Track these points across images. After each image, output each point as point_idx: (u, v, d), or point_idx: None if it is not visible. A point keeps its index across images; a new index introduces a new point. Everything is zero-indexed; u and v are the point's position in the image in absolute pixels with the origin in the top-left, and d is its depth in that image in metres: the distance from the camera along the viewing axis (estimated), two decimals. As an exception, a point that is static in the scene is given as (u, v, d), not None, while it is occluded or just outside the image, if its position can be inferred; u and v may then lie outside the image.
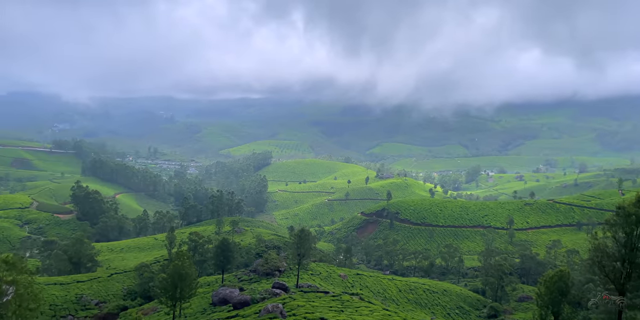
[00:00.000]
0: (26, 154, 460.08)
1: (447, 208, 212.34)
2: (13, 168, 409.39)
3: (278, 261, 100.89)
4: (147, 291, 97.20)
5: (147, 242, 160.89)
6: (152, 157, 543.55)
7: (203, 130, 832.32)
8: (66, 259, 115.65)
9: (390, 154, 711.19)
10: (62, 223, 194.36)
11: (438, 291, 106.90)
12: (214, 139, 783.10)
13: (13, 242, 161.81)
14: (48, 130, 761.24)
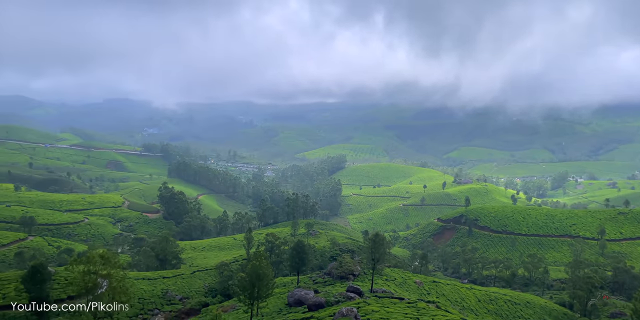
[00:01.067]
0: (119, 157, 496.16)
1: (531, 216, 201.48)
2: (108, 169, 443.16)
3: (352, 265, 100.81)
4: (227, 289, 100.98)
5: (226, 242, 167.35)
6: (231, 160, 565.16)
7: (280, 134, 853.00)
8: (153, 255, 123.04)
9: (469, 158, 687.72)
10: (150, 221, 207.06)
11: (520, 303, 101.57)
12: (290, 143, 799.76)
13: (107, 239, 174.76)
14: (139, 134, 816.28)
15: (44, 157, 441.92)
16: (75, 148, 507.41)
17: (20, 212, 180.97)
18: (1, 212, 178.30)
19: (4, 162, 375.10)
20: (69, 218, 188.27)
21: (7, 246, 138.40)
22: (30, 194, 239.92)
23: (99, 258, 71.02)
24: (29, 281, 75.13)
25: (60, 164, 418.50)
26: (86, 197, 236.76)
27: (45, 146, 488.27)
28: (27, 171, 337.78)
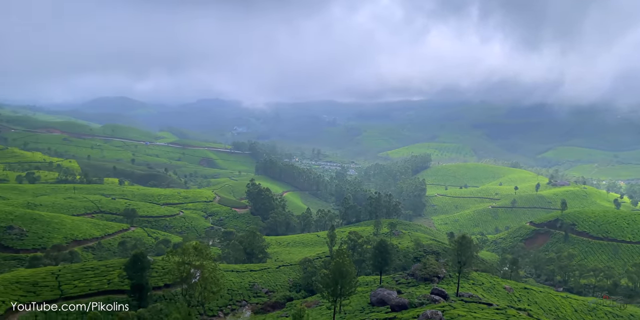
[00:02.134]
0: (211, 154, 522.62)
1: (637, 222, 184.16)
2: (201, 166, 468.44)
3: (437, 267, 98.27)
4: (310, 285, 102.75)
5: (310, 239, 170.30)
6: (315, 159, 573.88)
7: (363, 133, 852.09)
8: (241, 249, 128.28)
9: (566, 159, 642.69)
10: (239, 216, 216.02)
11: (623, 315, 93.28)
12: (373, 142, 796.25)
13: (199, 231, 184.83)
14: (229, 133, 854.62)
15: (145, 154, 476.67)
16: (172, 146, 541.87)
17: (124, 204, 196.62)
18: (107, 204, 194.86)
19: (110, 159, 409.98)
20: (166, 211, 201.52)
21: (112, 235, 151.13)
22: (132, 188, 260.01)
23: (193, 250, 75.36)
24: (131, 269, 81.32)
25: (159, 161, 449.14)
26: (181, 192, 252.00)
27: (145, 144, 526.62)
28: (130, 167, 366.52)
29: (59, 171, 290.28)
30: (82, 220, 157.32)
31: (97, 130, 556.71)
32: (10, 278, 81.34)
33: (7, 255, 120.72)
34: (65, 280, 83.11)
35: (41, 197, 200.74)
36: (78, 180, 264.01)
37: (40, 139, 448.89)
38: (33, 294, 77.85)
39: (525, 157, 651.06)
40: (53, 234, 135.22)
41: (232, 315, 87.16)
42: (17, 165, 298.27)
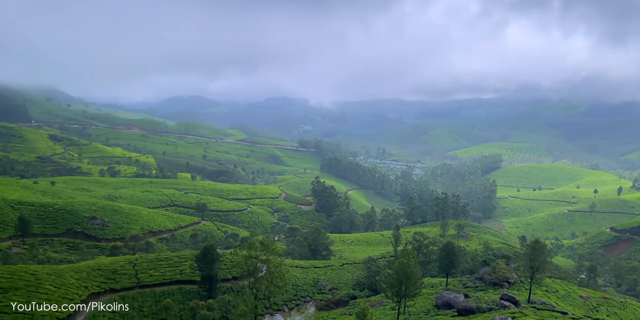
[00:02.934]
0: (277, 151, 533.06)
1: None
2: (267, 163, 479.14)
3: (507, 272, 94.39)
4: (374, 284, 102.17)
5: (374, 238, 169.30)
6: (380, 157, 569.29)
7: (430, 132, 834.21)
8: (306, 245, 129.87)
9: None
10: (304, 213, 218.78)
11: None
12: (440, 141, 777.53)
13: (266, 227, 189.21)
14: (295, 131, 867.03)
15: (215, 150, 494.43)
16: (241, 143, 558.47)
17: (196, 198, 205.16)
18: (180, 198, 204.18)
19: (183, 155, 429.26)
20: (235, 206, 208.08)
21: (184, 228, 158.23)
22: (203, 183, 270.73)
23: (259, 244, 77.14)
24: (201, 260, 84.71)
25: (228, 157, 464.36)
26: (249, 188, 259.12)
27: (216, 141, 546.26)
28: (202, 163, 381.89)
29: (137, 166, 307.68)
30: (157, 213, 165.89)
31: (172, 128, 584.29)
32: (92, 265, 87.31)
33: (90, 243, 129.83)
34: (141, 269, 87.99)
35: (121, 190, 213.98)
36: (154, 174, 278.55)
37: (120, 135, 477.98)
38: (113, 281, 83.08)
39: (607, 159, 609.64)
40: (131, 225, 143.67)
41: (296, 310, 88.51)
42: (100, 160, 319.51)
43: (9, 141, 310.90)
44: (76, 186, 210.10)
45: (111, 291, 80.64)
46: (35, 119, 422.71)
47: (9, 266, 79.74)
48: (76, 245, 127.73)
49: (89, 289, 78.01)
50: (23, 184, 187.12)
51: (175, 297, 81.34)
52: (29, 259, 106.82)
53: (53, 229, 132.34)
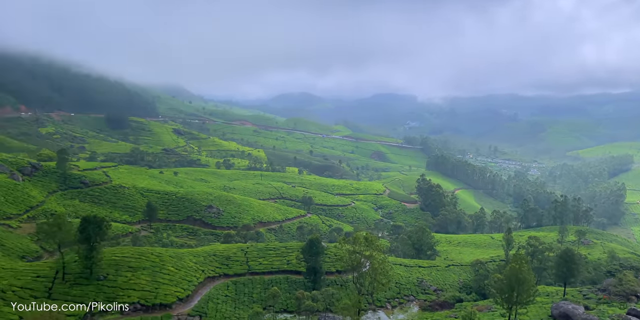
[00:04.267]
0: (382, 148, 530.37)
1: None
2: (372, 159, 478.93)
3: (636, 285, 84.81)
4: (482, 288, 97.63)
5: (483, 240, 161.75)
6: (491, 156, 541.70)
7: (548, 129, 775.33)
8: (410, 244, 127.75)
9: None
10: (408, 211, 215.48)
11: None
12: (560, 139, 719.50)
13: (369, 223, 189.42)
14: (401, 127, 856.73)
15: (321, 146, 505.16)
16: (346, 139, 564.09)
17: (302, 192, 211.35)
18: (288, 191, 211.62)
19: (291, 149, 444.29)
20: (339, 201, 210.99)
21: (291, 220, 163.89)
22: (309, 177, 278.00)
23: (364, 240, 77.32)
24: (307, 252, 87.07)
25: (334, 153, 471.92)
26: (353, 184, 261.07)
27: (322, 137, 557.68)
28: (308, 158, 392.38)
29: (249, 159, 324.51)
30: (267, 204, 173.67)
31: (282, 123, 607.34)
32: (209, 251, 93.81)
33: (206, 230, 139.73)
34: (252, 257, 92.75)
35: (234, 181, 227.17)
36: (264, 168, 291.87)
37: (235, 130, 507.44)
38: (226, 266, 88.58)
39: None
40: (243, 215, 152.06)
41: (399, 308, 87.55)
42: (217, 153, 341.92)
43: (139, 134, 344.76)
44: (195, 177, 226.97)
45: (225, 276, 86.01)
46: (162, 115, 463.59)
47: (138, 248, 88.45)
48: (195, 231, 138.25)
49: (206, 272, 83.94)
50: (151, 173, 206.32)
51: (281, 285, 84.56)
52: (154, 241, 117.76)
53: (175, 215, 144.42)
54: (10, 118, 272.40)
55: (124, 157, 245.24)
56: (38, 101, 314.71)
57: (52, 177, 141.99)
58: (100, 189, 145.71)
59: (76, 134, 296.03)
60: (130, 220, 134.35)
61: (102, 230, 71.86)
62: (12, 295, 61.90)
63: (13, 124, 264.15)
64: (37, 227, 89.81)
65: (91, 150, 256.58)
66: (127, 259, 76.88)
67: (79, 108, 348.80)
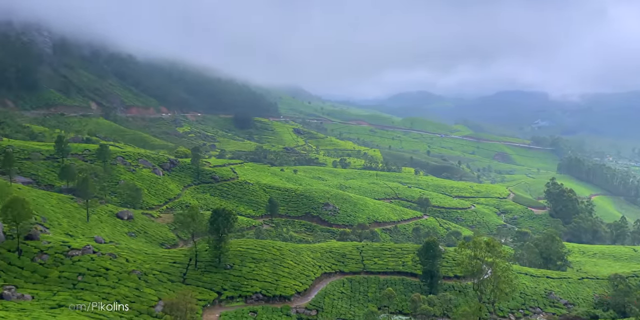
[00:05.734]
0: (507, 149, 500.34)
1: None
2: (495, 161, 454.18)
3: None
4: (623, 306, 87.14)
5: (624, 252, 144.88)
6: (635, 159, 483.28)
7: None
8: (537, 252, 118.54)
9: None
10: (535, 217, 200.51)
11: None
12: None
13: (490, 228, 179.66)
14: (528, 127, 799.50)
15: (439, 146, 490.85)
16: (466, 139, 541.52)
17: (418, 193, 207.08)
18: (404, 192, 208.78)
19: (407, 149, 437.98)
20: (458, 203, 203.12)
21: (407, 221, 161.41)
22: (426, 178, 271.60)
23: (485, 245, 73.46)
24: (423, 255, 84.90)
25: (452, 153, 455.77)
26: (473, 186, 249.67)
27: (440, 136, 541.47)
28: (425, 158, 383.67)
29: (365, 159, 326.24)
30: (382, 204, 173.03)
31: (398, 123, 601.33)
32: (325, 247, 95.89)
33: (323, 227, 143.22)
34: (367, 256, 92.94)
35: (350, 180, 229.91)
36: (380, 167, 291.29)
37: (351, 129, 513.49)
38: (342, 264, 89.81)
39: None
40: (358, 213, 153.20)
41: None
42: (333, 152, 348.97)
43: (263, 133, 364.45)
44: (313, 175, 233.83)
45: (340, 273, 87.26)
46: (283, 115, 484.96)
47: (261, 240, 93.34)
48: (312, 227, 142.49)
49: (322, 268, 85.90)
50: (272, 170, 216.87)
51: (397, 287, 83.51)
52: (275, 235, 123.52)
53: (294, 211, 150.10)
54: (154, 118, 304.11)
55: (249, 155, 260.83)
56: (176, 103, 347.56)
57: (187, 172, 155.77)
58: (228, 184, 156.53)
59: (208, 133, 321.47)
60: (254, 215, 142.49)
61: (230, 223, 76.89)
62: (153, 278, 68.85)
63: (155, 124, 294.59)
64: (174, 218, 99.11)
65: (220, 148, 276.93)
66: (251, 250, 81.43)
67: (210, 109, 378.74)
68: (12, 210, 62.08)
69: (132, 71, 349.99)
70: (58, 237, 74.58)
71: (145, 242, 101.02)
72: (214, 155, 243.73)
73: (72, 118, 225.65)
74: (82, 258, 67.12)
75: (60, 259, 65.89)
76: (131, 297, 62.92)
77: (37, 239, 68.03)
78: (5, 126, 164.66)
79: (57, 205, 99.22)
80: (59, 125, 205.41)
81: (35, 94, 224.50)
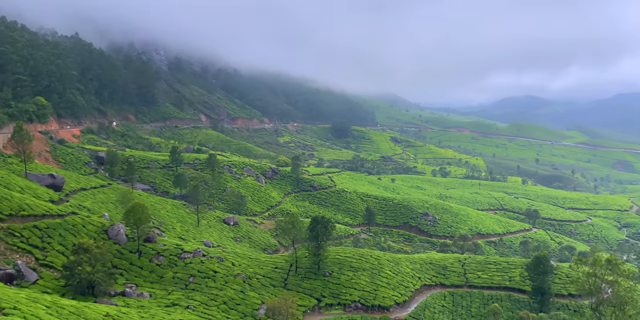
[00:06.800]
0: (629, 157, 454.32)
1: None
2: (615, 170, 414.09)
3: None
4: None
5: None
6: None
7: None
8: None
9: None
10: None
11: None
12: None
13: (610, 243, 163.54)
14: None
15: (549, 154, 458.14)
16: (580, 146, 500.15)
17: (526, 204, 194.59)
18: (510, 202, 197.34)
19: (513, 157, 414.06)
20: (571, 216, 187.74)
21: (513, 234, 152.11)
22: (535, 188, 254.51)
23: (605, 263, 67.02)
24: (532, 270, 79.33)
25: (564, 162, 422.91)
26: (590, 197, 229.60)
27: (551, 143, 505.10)
28: (533, 166, 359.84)
29: (467, 167, 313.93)
30: (486, 215, 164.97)
31: (503, 130, 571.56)
32: (425, 258, 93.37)
33: (422, 238, 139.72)
34: (470, 269, 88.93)
35: (450, 190, 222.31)
36: (483, 176, 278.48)
37: (451, 137, 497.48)
38: (442, 276, 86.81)
39: None
40: (460, 224, 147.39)
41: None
42: (432, 160, 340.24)
43: (360, 142, 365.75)
44: (411, 184, 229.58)
45: (441, 285, 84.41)
46: (380, 123, 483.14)
47: (359, 249, 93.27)
48: (410, 237, 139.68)
49: (422, 280, 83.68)
50: (369, 179, 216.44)
51: (503, 303, 78.87)
52: (373, 244, 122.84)
53: (392, 220, 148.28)
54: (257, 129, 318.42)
55: (346, 163, 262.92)
56: (277, 114, 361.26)
57: (287, 181, 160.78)
58: (326, 192, 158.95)
59: (307, 142, 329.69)
60: (352, 223, 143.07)
61: (328, 231, 77.85)
62: (256, 282, 71.61)
63: (258, 134, 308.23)
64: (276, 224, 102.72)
65: (319, 157, 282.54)
66: (349, 259, 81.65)
67: (309, 119, 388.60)
68: (134, 214, 68.17)
69: (237, 84, 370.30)
70: (172, 240, 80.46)
71: (249, 247, 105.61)
72: (313, 164, 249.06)
73: (185, 130, 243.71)
74: (193, 260, 71.72)
75: (174, 261, 71.00)
76: (237, 299, 65.91)
77: (154, 242, 73.92)
78: (128, 138, 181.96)
79: (171, 211, 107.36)
80: (173, 136, 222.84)
81: (153, 108, 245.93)
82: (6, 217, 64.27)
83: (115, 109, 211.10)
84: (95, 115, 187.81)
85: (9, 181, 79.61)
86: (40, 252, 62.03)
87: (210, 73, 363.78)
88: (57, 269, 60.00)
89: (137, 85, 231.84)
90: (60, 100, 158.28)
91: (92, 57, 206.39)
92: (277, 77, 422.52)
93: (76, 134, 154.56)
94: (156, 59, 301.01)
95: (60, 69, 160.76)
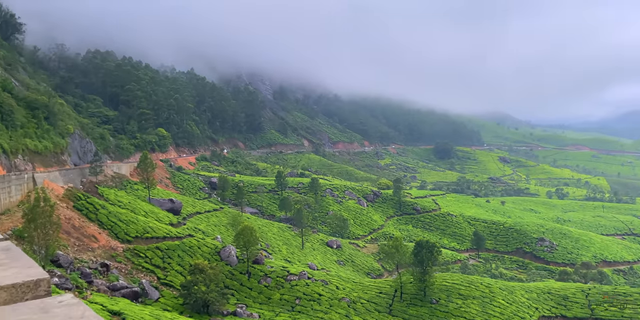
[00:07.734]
0: None
1: None
2: None
3: None
4: None
5: None
6: None
7: None
8: None
9: None
10: None
11: None
12: None
13: None
14: None
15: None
16: None
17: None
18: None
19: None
20: None
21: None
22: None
23: None
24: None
25: None
26: None
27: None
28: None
29: (587, 188, 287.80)
30: (612, 241, 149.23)
31: (628, 146, 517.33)
32: (542, 287, 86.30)
33: (538, 265, 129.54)
34: (595, 300, 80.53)
35: (569, 213, 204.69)
36: (607, 198, 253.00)
37: (568, 156, 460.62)
38: (564, 307, 79.49)
39: None
40: (581, 251, 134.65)
41: None
42: (547, 181, 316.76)
43: (465, 163, 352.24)
44: (524, 206, 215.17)
45: (562, 317, 77.34)
46: (487, 143, 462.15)
47: (468, 276, 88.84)
48: (525, 264, 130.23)
49: (540, 311, 77.31)
50: (477, 202, 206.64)
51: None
52: (483, 271, 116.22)
53: (503, 246, 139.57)
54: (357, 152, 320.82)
55: (451, 185, 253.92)
56: (377, 137, 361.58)
57: (389, 204, 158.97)
58: (430, 215, 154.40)
59: (408, 164, 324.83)
60: (459, 248, 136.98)
61: (434, 255, 75.35)
62: (361, 307, 70.93)
63: (359, 157, 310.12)
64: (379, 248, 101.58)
65: (421, 179, 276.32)
66: (457, 286, 78.02)
67: (410, 141, 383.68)
68: (243, 237, 71.57)
69: (338, 109, 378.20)
70: (279, 262, 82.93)
71: (352, 271, 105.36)
72: (415, 186, 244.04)
73: (289, 155, 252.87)
74: (298, 283, 73.14)
75: (281, 283, 72.95)
76: (341, 323, 65.80)
77: (262, 263, 76.72)
78: (237, 164, 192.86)
79: (277, 233, 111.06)
80: (278, 161, 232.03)
81: (260, 135, 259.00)
82: (133, 239, 70.86)
83: (226, 137, 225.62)
84: (209, 143, 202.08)
85: (135, 206, 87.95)
86: (162, 272, 67.21)
87: (312, 99, 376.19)
88: (175, 288, 64.51)
89: (245, 114, 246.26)
90: (178, 130, 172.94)
91: (205, 90, 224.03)
92: (377, 99, 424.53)
93: (192, 161, 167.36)
94: (262, 88, 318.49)
95: (178, 102, 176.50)
